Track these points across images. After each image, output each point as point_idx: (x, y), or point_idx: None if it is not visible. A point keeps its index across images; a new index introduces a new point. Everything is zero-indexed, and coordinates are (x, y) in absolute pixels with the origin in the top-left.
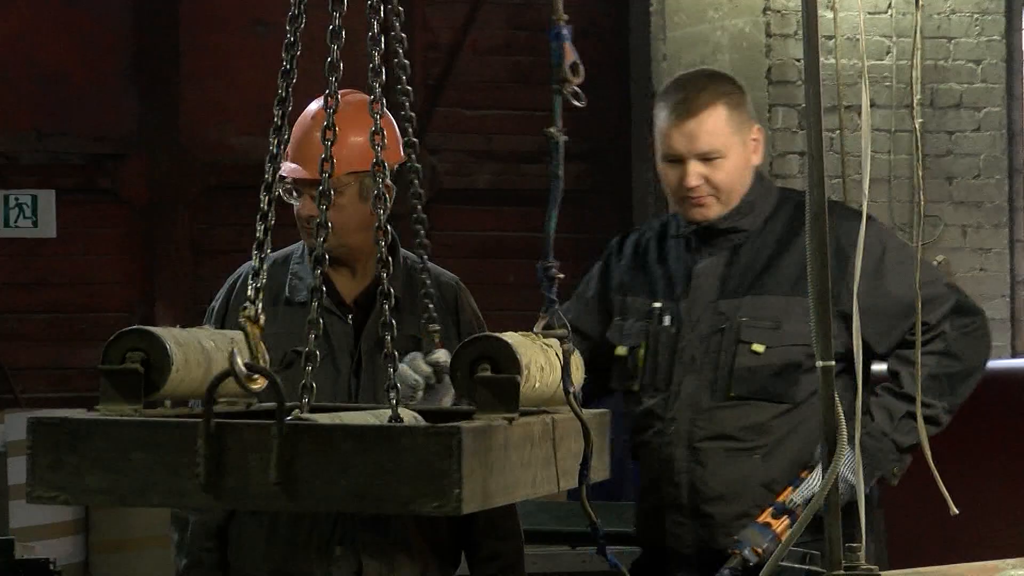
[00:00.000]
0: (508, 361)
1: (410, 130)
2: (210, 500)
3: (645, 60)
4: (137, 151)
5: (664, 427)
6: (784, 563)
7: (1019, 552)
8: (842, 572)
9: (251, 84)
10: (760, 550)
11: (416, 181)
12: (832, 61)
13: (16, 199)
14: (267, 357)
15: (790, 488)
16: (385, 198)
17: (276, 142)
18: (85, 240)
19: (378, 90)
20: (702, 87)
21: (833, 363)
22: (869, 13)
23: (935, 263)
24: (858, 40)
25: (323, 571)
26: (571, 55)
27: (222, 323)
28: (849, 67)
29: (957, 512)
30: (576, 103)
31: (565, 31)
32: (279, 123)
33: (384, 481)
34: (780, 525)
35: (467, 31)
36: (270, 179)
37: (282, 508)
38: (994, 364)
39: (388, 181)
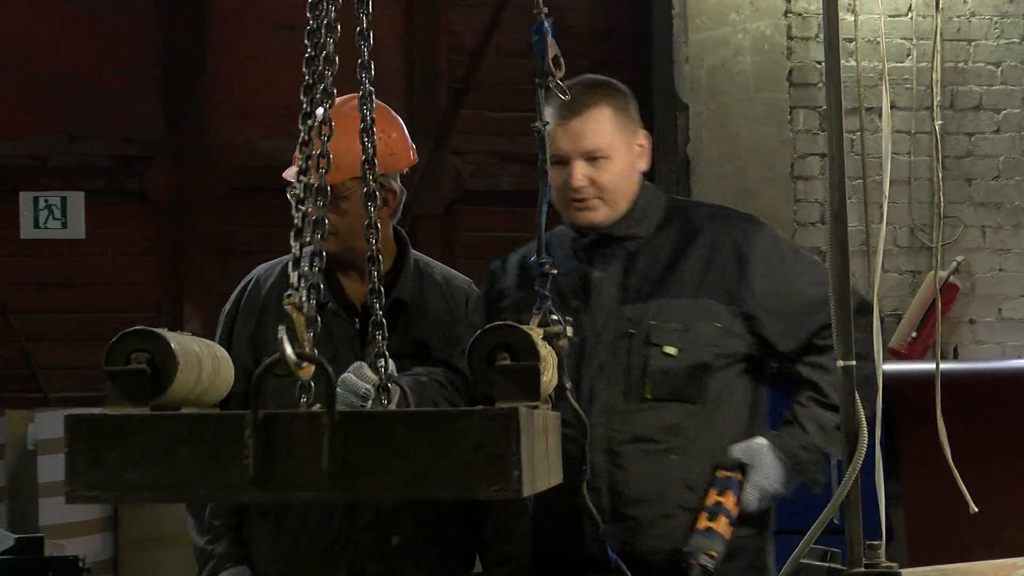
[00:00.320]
0: (527, 350)
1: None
2: (259, 493)
3: (667, 63)
4: (164, 153)
5: (578, 434)
6: (805, 560)
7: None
8: (863, 569)
9: (276, 87)
10: (714, 553)
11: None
12: (853, 63)
13: (46, 200)
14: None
15: (713, 490)
16: (376, 195)
17: (305, 157)
18: (113, 241)
19: (368, 86)
20: (588, 90)
21: (853, 363)
22: (889, 16)
23: (957, 262)
24: (878, 43)
25: (327, 573)
26: (553, 49)
27: (231, 326)
28: (870, 69)
29: (976, 510)
30: (561, 96)
31: (547, 25)
32: (305, 138)
33: (441, 466)
34: (721, 526)
35: (490, 35)
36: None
37: (335, 498)
38: (1014, 363)
39: (394, 184)
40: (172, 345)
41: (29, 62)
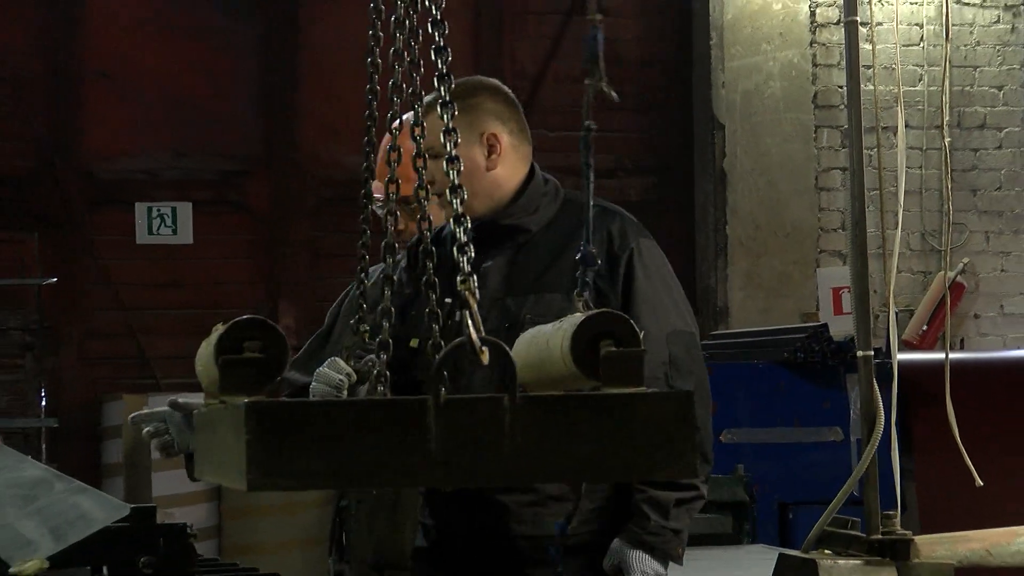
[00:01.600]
0: (630, 336)
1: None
2: (442, 477)
3: (706, 87)
4: (262, 168)
5: None
6: (828, 528)
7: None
8: (880, 536)
9: (360, 109)
10: None
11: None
12: (871, 88)
13: (158, 210)
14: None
15: None
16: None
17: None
18: (217, 246)
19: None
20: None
21: (871, 352)
22: (904, 45)
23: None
24: (894, 69)
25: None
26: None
27: (333, 323)
28: (886, 93)
29: (981, 484)
30: (613, 96)
31: (598, 32)
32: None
33: (618, 449)
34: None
35: (548, 62)
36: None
37: (515, 482)
38: (1014, 353)
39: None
40: (282, 333)
41: (145, 89)
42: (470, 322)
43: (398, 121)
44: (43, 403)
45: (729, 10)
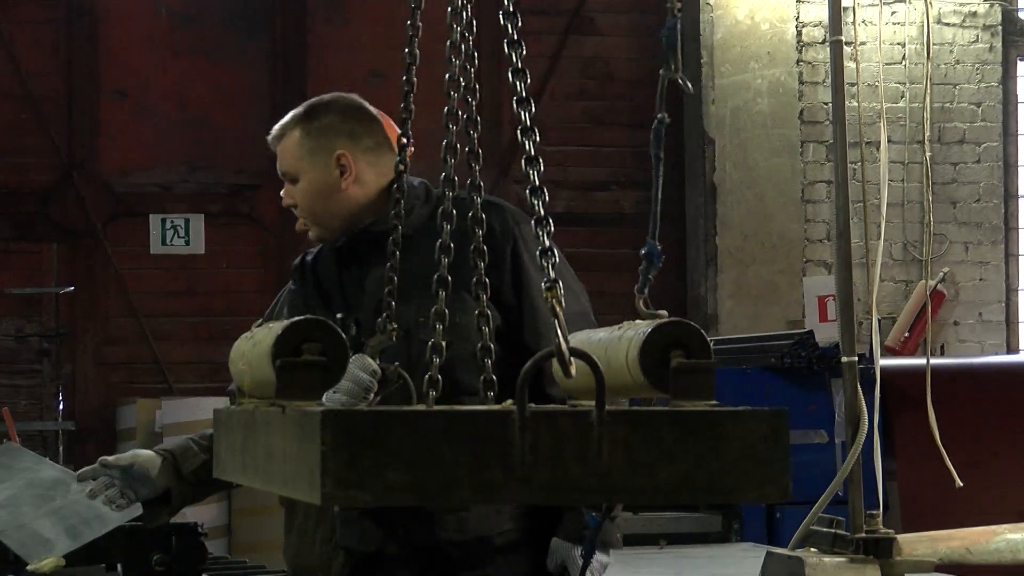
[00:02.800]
0: (701, 347)
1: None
2: (525, 493)
3: (697, 103)
4: (270, 182)
5: None
6: (815, 527)
7: (1015, 519)
8: (864, 534)
9: None
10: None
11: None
12: (855, 104)
13: (171, 221)
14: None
15: None
16: None
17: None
18: (228, 256)
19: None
20: (291, 115)
21: (855, 358)
22: (886, 63)
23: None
24: (877, 86)
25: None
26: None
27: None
28: (869, 109)
29: (961, 484)
30: (688, 88)
31: (678, 21)
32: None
33: (708, 469)
34: None
35: (547, 81)
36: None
37: (600, 501)
38: (992, 359)
39: None
40: (343, 335)
41: (159, 106)
42: (559, 332)
43: (455, 113)
44: (60, 407)
45: (719, 30)
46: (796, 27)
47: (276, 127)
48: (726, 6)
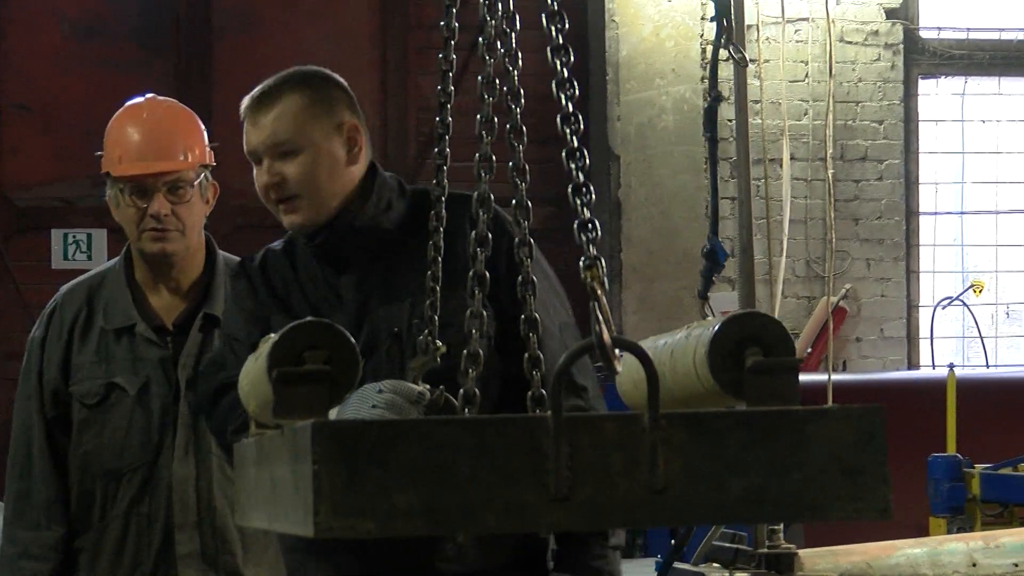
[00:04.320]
0: (780, 343)
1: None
2: (563, 517)
3: (602, 119)
4: None
5: None
6: (716, 543)
7: (915, 533)
8: (766, 550)
9: None
10: None
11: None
12: (759, 121)
13: (74, 236)
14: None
15: None
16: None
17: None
18: None
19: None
20: (280, 81)
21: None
22: (790, 81)
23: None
24: (780, 104)
25: None
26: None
27: (42, 350)
28: (773, 126)
29: None
30: (746, 63)
31: None
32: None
33: (788, 481)
34: None
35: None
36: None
37: (655, 523)
38: (893, 375)
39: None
40: (351, 340)
41: (60, 119)
42: (600, 318)
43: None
44: None
45: (624, 47)
46: (700, 44)
47: (259, 93)
48: (631, 23)
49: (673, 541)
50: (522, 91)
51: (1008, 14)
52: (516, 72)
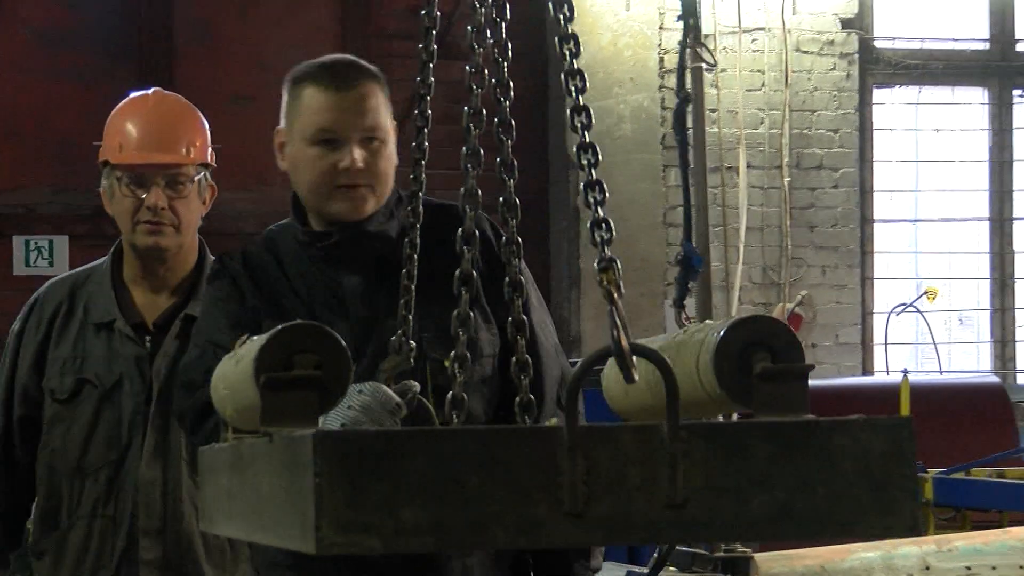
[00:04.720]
0: (790, 347)
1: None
2: (578, 533)
3: (561, 128)
4: None
5: None
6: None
7: (869, 538)
8: (722, 554)
9: (233, 150)
10: None
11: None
12: (716, 130)
13: (35, 243)
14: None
15: None
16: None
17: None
18: None
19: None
20: (354, 66)
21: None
22: (746, 90)
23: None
24: (737, 112)
25: None
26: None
27: (19, 343)
28: (729, 135)
29: None
30: (713, 64)
31: None
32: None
33: (815, 496)
34: None
35: (413, 104)
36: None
37: (675, 539)
38: (849, 381)
39: (211, 181)
40: (343, 343)
41: (22, 126)
42: (618, 323)
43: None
44: None
45: (582, 56)
46: (658, 54)
47: (336, 69)
48: (590, 32)
49: (656, 554)
50: (511, 83)
51: (962, 25)
52: (506, 64)
